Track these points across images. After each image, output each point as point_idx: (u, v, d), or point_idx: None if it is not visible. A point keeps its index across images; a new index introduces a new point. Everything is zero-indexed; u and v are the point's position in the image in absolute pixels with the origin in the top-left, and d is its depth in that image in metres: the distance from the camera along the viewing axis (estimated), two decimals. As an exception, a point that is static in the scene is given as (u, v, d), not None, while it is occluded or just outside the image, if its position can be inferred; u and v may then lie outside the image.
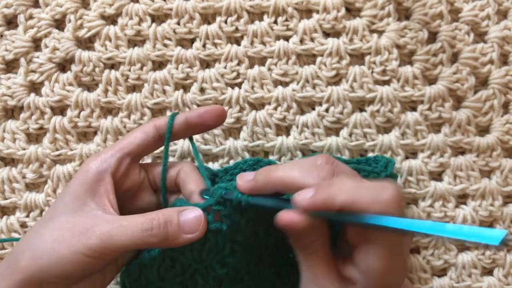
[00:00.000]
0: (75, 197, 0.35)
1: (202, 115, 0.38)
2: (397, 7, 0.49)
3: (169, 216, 0.34)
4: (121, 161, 0.37)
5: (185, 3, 0.48)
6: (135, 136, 0.38)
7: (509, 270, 0.48)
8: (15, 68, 0.49)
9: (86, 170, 0.36)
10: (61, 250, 0.32)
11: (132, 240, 0.33)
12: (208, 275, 0.37)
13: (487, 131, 0.49)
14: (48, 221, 0.34)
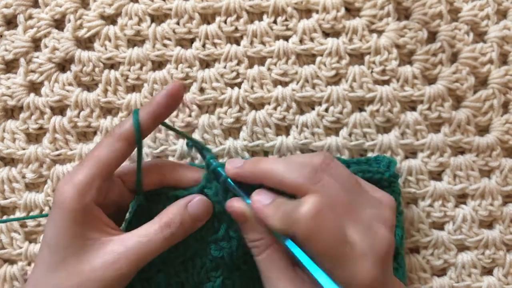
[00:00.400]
0: (74, 237, 0.33)
1: (166, 103, 0.36)
2: (397, 7, 0.49)
3: (182, 214, 0.35)
4: (100, 188, 0.35)
5: (185, 3, 0.48)
6: (107, 158, 0.35)
7: (508, 270, 0.48)
8: (15, 68, 0.49)
9: (69, 207, 0.33)
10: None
11: (158, 250, 0.35)
12: (206, 258, 0.38)
13: (487, 131, 0.49)
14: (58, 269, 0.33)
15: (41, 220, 0.48)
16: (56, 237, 0.34)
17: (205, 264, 0.39)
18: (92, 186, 0.34)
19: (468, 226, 0.47)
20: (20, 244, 0.48)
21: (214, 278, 0.39)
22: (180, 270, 0.39)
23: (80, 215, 0.34)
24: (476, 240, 0.47)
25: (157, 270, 0.39)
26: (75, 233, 0.33)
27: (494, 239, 0.48)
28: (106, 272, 0.33)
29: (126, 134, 0.36)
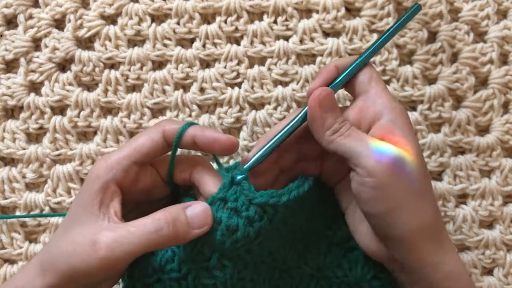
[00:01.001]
0: (83, 208, 0.35)
1: (211, 144, 0.36)
2: (397, 7, 0.49)
3: (176, 214, 0.34)
4: (128, 169, 0.36)
5: (185, 3, 0.48)
6: (142, 144, 0.36)
7: (509, 270, 0.48)
8: (15, 68, 0.49)
9: (93, 178, 0.35)
10: (77, 264, 0.33)
11: (141, 244, 0.33)
12: (199, 280, 0.36)
13: (487, 131, 0.49)
14: (64, 231, 0.35)
15: (41, 220, 0.48)
16: (75, 203, 0.36)
17: (197, 286, 0.36)
18: (120, 164, 0.36)
19: (468, 226, 0.47)
20: (21, 244, 0.48)
21: None
22: (174, 285, 0.36)
23: (97, 189, 0.35)
24: (476, 240, 0.47)
25: (157, 279, 0.37)
26: (86, 206, 0.35)
27: (495, 239, 0.48)
28: (88, 252, 0.33)
29: (167, 132, 0.37)
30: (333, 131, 0.36)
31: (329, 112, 0.36)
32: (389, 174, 0.33)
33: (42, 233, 0.48)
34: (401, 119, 0.35)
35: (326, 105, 0.36)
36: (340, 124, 0.36)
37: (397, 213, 0.34)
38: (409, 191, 0.34)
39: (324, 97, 0.36)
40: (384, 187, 0.34)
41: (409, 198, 0.34)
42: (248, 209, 0.35)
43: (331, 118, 0.36)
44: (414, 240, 0.34)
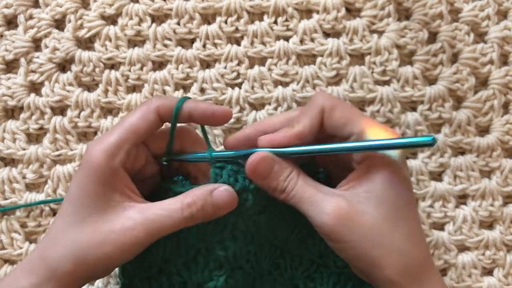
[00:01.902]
0: (97, 197, 0.34)
1: (207, 116, 0.37)
2: (397, 7, 0.49)
3: (205, 199, 0.35)
4: (129, 152, 0.36)
5: (185, 3, 0.48)
6: (138, 126, 0.36)
7: (509, 271, 0.48)
8: (15, 68, 0.49)
9: (96, 167, 0.34)
10: (109, 250, 0.34)
11: (175, 227, 0.35)
12: (210, 257, 0.38)
13: (487, 132, 0.49)
14: (78, 225, 0.34)
15: (41, 221, 0.48)
16: (80, 195, 0.35)
17: (208, 263, 0.39)
18: (121, 149, 0.35)
19: (468, 227, 0.48)
20: (21, 245, 0.48)
21: (217, 277, 0.38)
22: (182, 270, 0.39)
23: (106, 176, 0.34)
24: (477, 240, 0.48)
25: (159, 270, 0.39)
26: (98, 193, 0.34)
27: (495, 239, 0.48)
28: (123, 237, 0.34)
29: (161, 109, 0.37)
30: (280, 192, 0.36)
31: (267, 177, 0.36)
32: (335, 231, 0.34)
33: (42, 233, 0.48)
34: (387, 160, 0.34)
35: (263, 172, 0.36)
36: (284, 184, 0.36)
37: (358, 263, 0.34)
38: (365, 244, 0.33)
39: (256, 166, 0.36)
40: (336, 242, 0.34)
41: (366, 251, 0.33)
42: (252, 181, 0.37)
43: (274, 181, 0.36)
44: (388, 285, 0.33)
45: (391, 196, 0.34)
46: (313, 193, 0.35)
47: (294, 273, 0.41)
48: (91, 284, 0.47)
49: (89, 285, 0.47)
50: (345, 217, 0.33)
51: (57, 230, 0.35)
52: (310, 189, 0.35)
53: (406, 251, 0.33)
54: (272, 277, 0.41)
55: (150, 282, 0.39)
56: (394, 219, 0.34)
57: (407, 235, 0.34)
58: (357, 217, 0.33)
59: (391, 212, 0.34)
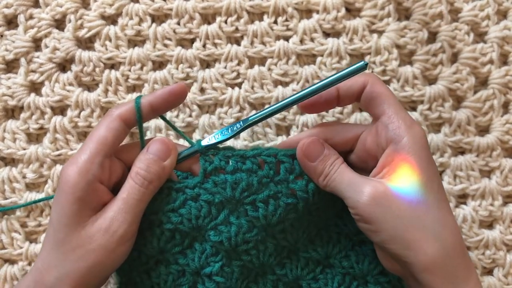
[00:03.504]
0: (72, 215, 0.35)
1: (167, 99, 0.38)
2: (397, 7, 0.49)
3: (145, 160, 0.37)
4: (102, 165, 0.36)
5: (185, 3, 0.48)
6: (106, 137, 0.36)
7: (509, 270, 0.48)
8: (15, 68, 0.49)
9: (72, 185, 0.35)
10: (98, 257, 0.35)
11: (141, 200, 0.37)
12: (206, 243, 0.39)
13: (487, 131, 0.49)
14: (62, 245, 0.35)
15: (42, 220, 0.48)
16: (59, 216, 0.36)
17: (205, 249, 0.39)
18: (93, 163, 0.36)
19: (468, 226, 0.48)
20: (21, 244, 0.48)
21: (213, 263, 0.39)
22: (180, 258, 0.39)
23: (81, 193, 0.35)
24: (477, 240, 0.48)
25: (156, 261, 0.40)
26: (75, 211, 0.35)
27: (495, 239, 0.48)
28: (103, 239, 0.35)
29: (123, 115, 0.37)
30: (324, 176, 0.38)
31: (316, 159, 0.38)
32: (370, 211, 0.35)
33: (42, 233, 0.48)
34: (412, 144, 0.35)
35: (313, 154, 0.38)
36: (329, 168, 0.38)
37: (392, 246, 0.34)
38: (400, 226, 0.34)
39: (307, 147, 0.38)
40: (370, 223, 0.35)
41: (401, 233, 0.34)
42: (244, 163, 0.39)
43: (320, 164, 0.38)
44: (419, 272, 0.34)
45: (423, 180, 0.35)
46: (352, 176, 0.37)
47: (299, 274, 0.41)
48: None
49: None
50: (381, 197, 0.34)
51: (47, 253, 0.36)
52: (351, 174, 0.37)
53: (440, 235, 0.34)
54: (276, 276, 0.41)
55: (148, 274, 0.40)
56: (426, 202, 0.34)
57: (440, 219, 0.35)
58: (393, 200, 0.34)
59: (425, 195, 0.34)
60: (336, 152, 0.39)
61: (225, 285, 0.39)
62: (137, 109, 0.37)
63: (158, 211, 0.38)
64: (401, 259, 0.34)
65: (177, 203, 0.38)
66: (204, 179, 0.39)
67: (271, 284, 0.41)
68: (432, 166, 0.36)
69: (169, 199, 0.39)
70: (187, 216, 0.38)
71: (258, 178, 0.38)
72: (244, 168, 0.39)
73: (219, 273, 0.39)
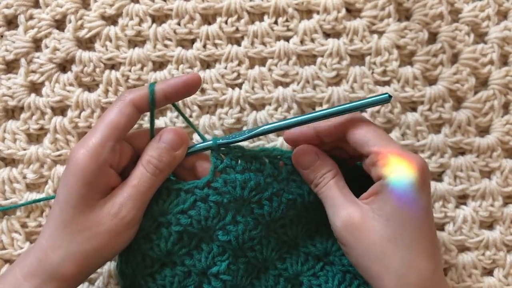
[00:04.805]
0: (82, 198, 0.35)
1: (181, 89, 0.38)
2: (398, 7, 0.49)
3: (157, 148, 0.38)
4: (113, 149, 0.36)
5: (186, 4, 0.48)
6: (118, 122, 0.36)
7: (509, 271, 0.48)
8: (16, 69, 0.49)
9: (82, 168, 0.35)
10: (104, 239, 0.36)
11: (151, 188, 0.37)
12: (213, 243, 0.40)
13: (487, 132, 0.49)
14: (69, 225, 0.36)
15: (42, 221, 0.48)
16: (66, 197, 0.36)
17: (212, 249, 0.40)
18: (105, 147, 0.36)
19: (468, 227, 0.48)
20: (21, 245, 0.48)
21: (220, 263, 0.40)
22: (186, 259, 0.39)
23: (91, 177, 0.35)
24: (477, 241, 0.48)
25: (161, 264, 0.40)
26: (83, 194, 0.35)
27: (495, 240, 0.48)
28: (112, 223, 0.36)
29: (136, 100, 0.37)
30: (314, 185, 0.39)
31: (308, 168, 0.39)
32: (341, 236, 0.36)
33: (43, 233, 0.48)
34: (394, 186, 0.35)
35: (305, 164, 0.39)
36: (319, 179, 0.39)
37: (360, 269, 0.36)
38: (366, 256, 0.35)
39: (300, 155, 0.39)
40: (342, 244, 0.37)
41: (366, 263, 0.35)
42: (253, 163, 0.40)
43: (312, 174, 0.39)
44: None
45: (400, 219, 0.35)
46: (336, 196, 0.37)
47: (299, 269, 0.42)
48: (91, 284, 0.47)
49: (89, 285, 0.47)
50: (353, 226, 0.35)
51: (51, 232, 0.36)
52: (336, 192, 0.38)
53: (404, 277, 0.34)
54: (277, 271, 0.42)
55: (153, 277, 0.40)
56: (397, 242, 0.34)
57: (407, 261, 0.34)
58: (365, 231, 0.35)
59: (396, 234, 0.34)
60: (331, 163, 0.39)
61: (232, 283, 0.40)
62: (150, 97, 0.37)
63: (167, 213, 0.39)
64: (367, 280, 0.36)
65: (186, 204, 0.39)
66: (214, 178, 0.39)
67: (273, 279, 0.41)
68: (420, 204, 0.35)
69: (178, 200, 0.39)
70: (196, 218, 0.39)
71: (264, 177, 0.40)
72: (252, 167, 0.40)
73: (226, 272, 0.39)
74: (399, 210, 0.34)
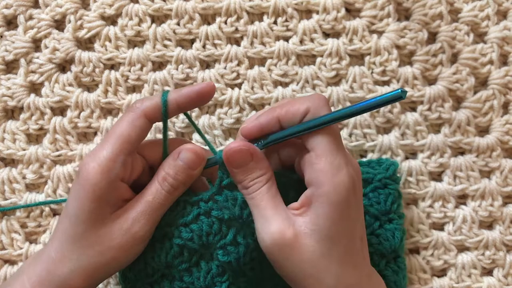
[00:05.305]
0: (92, 213, 0.35)
1: (194, 99, 0.37)
2: (397, 7, 0.49)
3: (174, 165, 0.37)
4: (125, 163, 0.36)
5: (185, 4, 0.48)
6: (129, 134, 0.36)
7: (508, 271, 0.48)
8: (15, 69, 0.49)
9: (93, 183, 0.35)
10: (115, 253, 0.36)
11: (165, 205, 0.37)
12: (212, 262, 0.39)
13: (487, 132, 0.49)
14: (79, 239, 0.35)
15: (41, 221, 0.48)
16: (77, 211, 0.35)
17: (211, 269, 0.39)
18: (117, 162, 0.35)
19: (468, 227, 0.48)
20: (21, 245, 0.48)
21: (219, 283, 0.39)
22: (185, 275, 0.39)
23: (102, 192, 0.35)
24: (476, 240, 0.48)
25: (161, 275, 0.39)
26: (94, 209, 0.35)
27: (494, 239, 0.48)
28: (123, 238, 0.36)
29: (148, 111, 0.37)
30: (242, 187, 0.36)
31: (238, 168, 0.36)
32: (271, 253, 0.34)
33: (42, 233, 0.48)
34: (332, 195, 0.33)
35: (234, 163, 0.36)
36: (250, 182, 0.36)
37: (291, 284, 0.35)
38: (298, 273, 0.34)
39: (232, 154, 0.36)
40: (271, 260, 0.35)
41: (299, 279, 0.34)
42: None
43: (241, 175, 0.36)
44: None
45: (334, 234, 0.33)
46: (268, 206, 0.34)
47: None
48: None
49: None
50: (285, 244, 0.33)
51: (61, 244, 0.36)
52: (268, 201, 0.35)
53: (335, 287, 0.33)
54: (273, 281, 0.40)
55: (152, 287, 0.39)
56: (330, 258, 0.33)
57: (340, 273, 0.34)
58: (298, 249, 0.33)
59: (330, 250, 0.33)
60: (266, 166, 0.36)
61: None
62: (163, 108, 0.37)
63: (172, 224, 0.38)
64: None
65: (190, 217, 0.38)
66: (220, 189, 0.38)
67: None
68: (347, 221, 0.34)
69: (183, 212, 0.38)
70: (198, 233, 0.38)
71: None
72: None
73: None
74: (333, 224, 0.33)
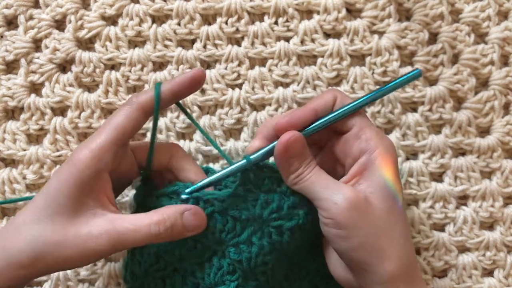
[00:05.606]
0: (71, 199, 0.34)
1: (187, 85, 0.38)
2: (398, 8, 0.49)
3: (175, 220, 0.36)
4: (116, 155, 0.36)
5: (186, 4, 0.48)
6: (124, 126, 0.36)
7: (509, 271, 0.48)
8: (16, 69, 0.49)
9: (80, 168, 0.35)
10: (69, 253, 0.34)
11: (140, 242, 0.35)
12: (224, 259, 0.38)
13: (488, 132, 0.49)
14: (45, 221, 0.34)
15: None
16: (56, 194, 0.35)
17: (222, 266, 0.39)
18: (108, 152, 0.35)
19: (468, 228, 0.48)
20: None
21: (228, 282, 0.38)
22: (196, 270, 0.39)
23: (88, 180, 0.35)
24: (477, 241, 0.48)
25: (173, 269, 0.40)
26: (73, 196, 0.34)
27: (495, 240, 0.48)
28: (87, 243, 0.34)
29: (144, 104, 0.37)
30: (297, 175, 0.37)
31: (295, 157, 0.37)
32: (347, 216, 0.34)
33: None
34: (386, 154, 0.36)
35: (293, 152, 0.37)
36: (304, 168, 0.37)
37: (361, 253, 0.35)
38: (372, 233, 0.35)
39: (292, 142, 0.37)
40: (343, 228, 0.35)
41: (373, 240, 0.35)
42: (280, 185, 0.38)
43: (297, 163, 0.37)
44: (382, 281, 0.34)
45: (389, 194, 0.36)
46: (329, 179, 0.37)
47: (301, 284, 0.41)
48: (91, 285, 0.47)
49: (89, 285, 0.47)
50: (359, 203, 0.35)
51: (23, 221, 0.35)
52: (327, 175, 0.37)
53: (404, 244, 0.35)
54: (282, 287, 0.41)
55: (164, 281, 0.40)
56: (394, 214, 0.36)
57: (404, 230, 0.36)
58: (370, 208, 0.35)
59: (392, 207, 0.36)
60: (309, 152, 0.38)
61: None
62: (156, 98, 0.37)
63: None
64: (365, 268, 0.35)
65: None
66: (238, 189, 0.38)
67: None
68: (399, 180, 0.37)
69: None
70: (212, 230, 0.38)
71: (289, 202, 0.38)
72: (278, 190, 0.38)
73: None
74: (391, 182, 0.36)
